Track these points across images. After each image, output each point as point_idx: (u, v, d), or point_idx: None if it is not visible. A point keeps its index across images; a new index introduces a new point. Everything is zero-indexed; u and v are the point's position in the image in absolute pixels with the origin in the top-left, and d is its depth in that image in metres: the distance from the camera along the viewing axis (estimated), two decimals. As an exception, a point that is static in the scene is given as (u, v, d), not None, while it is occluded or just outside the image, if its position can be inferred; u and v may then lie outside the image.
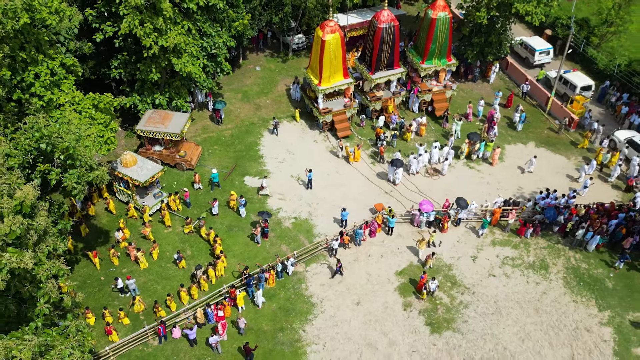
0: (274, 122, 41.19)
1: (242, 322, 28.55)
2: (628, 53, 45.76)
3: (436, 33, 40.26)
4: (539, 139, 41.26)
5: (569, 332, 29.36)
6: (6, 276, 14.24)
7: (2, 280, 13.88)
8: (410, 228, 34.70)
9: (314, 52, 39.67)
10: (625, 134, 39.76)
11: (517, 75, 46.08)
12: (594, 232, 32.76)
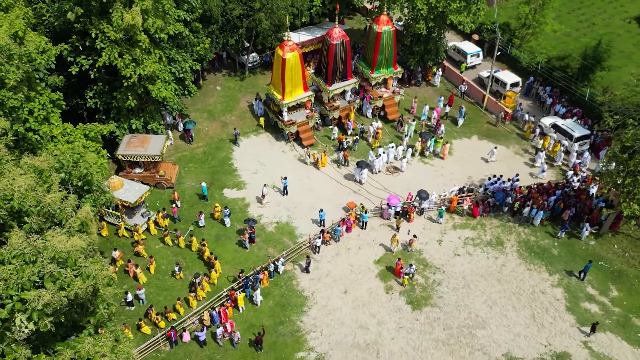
0: (235, 133, 43.79)
1: (237, 336, 30.62)
2: (545, 51, 51.24)
3: (382, 45, 43.98)
4: (480, 133, 45.79)
5: (527, 295, 33.58)
6: (89, 286, 16.14)
7: (86, 289, 15.83)
8: (381, 221, 38.12)
9: (275, 70, 42.49)
10: (549, 120, 44.85)
11: (454, 77, 50.63)
12: (537, 208, 37.31)
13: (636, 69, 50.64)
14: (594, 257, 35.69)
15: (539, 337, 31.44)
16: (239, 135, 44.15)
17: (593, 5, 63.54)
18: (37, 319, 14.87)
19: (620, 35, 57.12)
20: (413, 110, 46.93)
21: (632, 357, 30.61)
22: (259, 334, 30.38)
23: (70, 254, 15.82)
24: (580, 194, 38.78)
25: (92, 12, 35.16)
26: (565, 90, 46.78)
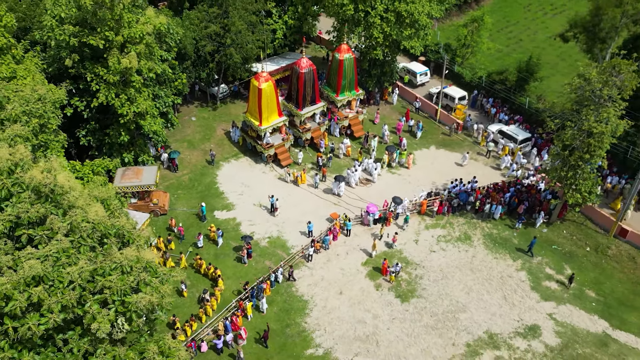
0: (211, 154, 46.62)
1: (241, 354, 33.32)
2: (484, 67, 56.79)
3: (345, 71, 47.99)
4: (437, 143, 50.42)
5: (497, 280, 37.93)
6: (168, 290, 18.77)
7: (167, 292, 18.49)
8: (363, 227, 41.75)
9: (252, 99, 45.66)
10: (495, 127, 50.01)
11: (407, 95, 55.26)
12: (496, 204, 41.96)
13: (562, 78, 56.97)
14: (547, 242, 40.63)
15: (512, 314, 35.74)
16: (215, 156, 47.09)
17: (518, 23, 70.18)
18: (136, 318, 17.41)
19: (545, 49, 63.62)
20: (377, 120, 51.33)
21: (589, 322, 35.34)
22: (265, 332, 33.32)
23: (153, 264, 18.51)
24: (530, 189, 43.82)
25: (86, 58, 37.34)
26: (506, 100, 52.26)
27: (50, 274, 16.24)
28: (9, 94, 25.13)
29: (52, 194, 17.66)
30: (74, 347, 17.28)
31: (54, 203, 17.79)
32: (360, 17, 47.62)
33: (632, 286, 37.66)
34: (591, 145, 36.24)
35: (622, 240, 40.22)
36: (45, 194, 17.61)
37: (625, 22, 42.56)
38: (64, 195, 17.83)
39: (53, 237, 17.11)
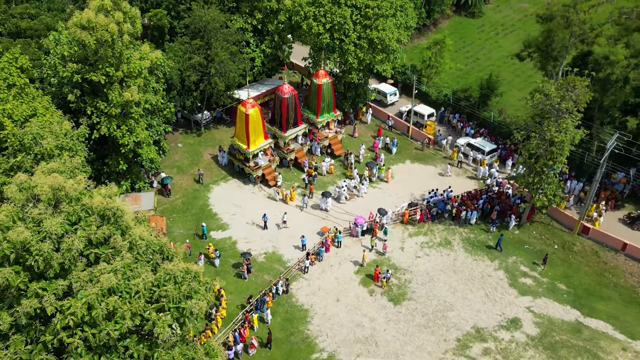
0: (199, 173, 48.81)
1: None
2: (447, 85, 60.86)
3: (323, 94, 50.97)
4: (411, 157, 53.82)
5: (478, 280, 41.16)
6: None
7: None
8: (352, 239, 44.47)
9: (239, 124, 48.02)
10: (463, 140, 53.84)
11: (380, 114, 58.66)
12: (471, 211, 45.43)
13: (518, 92, 61.75)
14: (519, 242, 44.25)
15: (495, 310, 38.95)
16: (203, 175, 49.24)
17: (474, 43, 75.02)
18: (188, 323, 19.51)
19: (500, 66, 68.36)
20: (355, 134, 54.83)
21: (563, 312, 38.86)
22: (268, 335, 35.57)
23: (199, 274, 20.72)
24: (500, 195, 47.55)
25: (85, 93, 39.05)
26: (471, 115, 56.29)
27: (121, 286, 18.22)
28: (41, 131, 26.83)
29: (113, 217, 19.69)
30: (134, 352, 19.22)
31: (115, 225, 19.81)
32: (335, 45, 50.84)
33: (597, 278, 41.52)
34: (553, 153, 40.09)
35: (585, 237, 44.16)
36: (108, 217, 19.63)
37: (573, 41, 47.03)
38: (122, 217, 19.88)
39: (116, 255, 19.10)
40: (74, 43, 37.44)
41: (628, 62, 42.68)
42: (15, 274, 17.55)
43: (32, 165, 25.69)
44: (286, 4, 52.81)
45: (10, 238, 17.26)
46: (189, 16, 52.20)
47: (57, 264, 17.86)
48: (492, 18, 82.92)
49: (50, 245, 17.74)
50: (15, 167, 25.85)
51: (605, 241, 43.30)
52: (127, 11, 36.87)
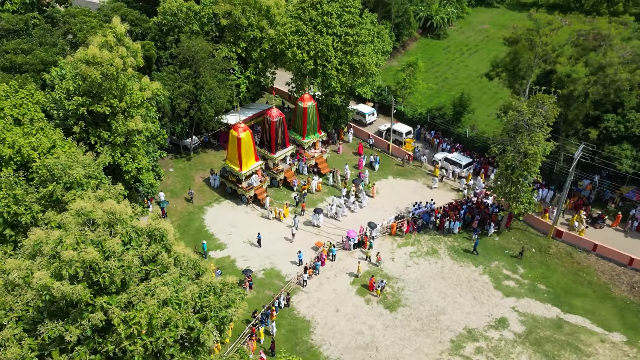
0: (189, 192, 50.79)
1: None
2: (421, 104, 64.29)
3: (309, 117, 53.54)
4: (393, 173, 56.71)
5: (466, 284, 43.93)
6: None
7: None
8: (345, 252, 46.77)
9: (231, 147, 50.03)
10: (440, 155, 57.11)
11: (360, 133, 61.56)
12: (453, 221, 48.40)
13: (487, 109, 65.66)
14: (500, 248, 47.34)
15: (483, 311, 41.70)
16: (193, 194, 50.97)
17: (442, 64, 79.03)
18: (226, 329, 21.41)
19: (468, 85, 72.27)
20: (340, 150, 57.65)
21: (545, 310, 41.87)
22: (272, 343, 37.45)
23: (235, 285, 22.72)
24: (479, 205, 50.74)
25: (88, 123, 40.50)
26: (446, 132, 59.71)
27: (174, 297, 20.05)
28: (69, 162, 28.30)
29: (159, 237, 21.54)
30: (179, 359, 21.03)
31: (161, 243, 21.64)
32: (318, 70, 53.58)
33: (572, 277, 44.84)
34: (528, 164, 43.49)
35: (559, 240, 47.57)
36: (155, 237, 21.46)
37: (537, 61, 50.95)
38: (166, 236, 21.75)
39: (164, 271, 20.94)
40: (79, 78, 38.95)
41: (588, 79, 46.66)
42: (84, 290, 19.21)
43: (62, 194, 27.18)
44: (269, 33, 55.36)
45: (83, 258, 18.92)
46: (177, 47, 54.17)
47: (119, 279, 19.60)
48: (457, 39, 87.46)
49: (116, 263, 19.49)
50: (46, 196, 27.28)
51: (578, 243, 46.79)
52: (129, 46, 38.72)
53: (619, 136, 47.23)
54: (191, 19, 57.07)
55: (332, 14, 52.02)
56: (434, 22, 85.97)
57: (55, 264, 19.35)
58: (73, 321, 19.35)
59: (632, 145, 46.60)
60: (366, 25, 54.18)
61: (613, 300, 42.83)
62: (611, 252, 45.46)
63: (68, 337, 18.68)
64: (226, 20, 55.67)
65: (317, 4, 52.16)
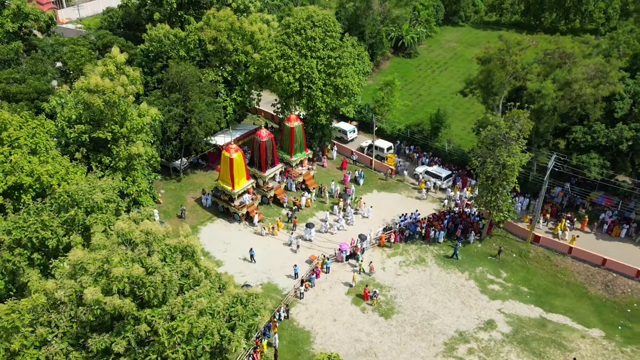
0: (181, 209, 52.18)
1: None
2: (398, 121, 67.02)
3: (296, 136, 55.53)
4: (377, 187, 59.05)
5: (454, 290, 46.23)
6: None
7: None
8: (337, 264, 48.65)
9: (224, 167, 51.53)
10: (421, 168, 59.80)
11: (343, 150, 63.86)
12: (438, 230, 50.86)
13: (460, 123, 68.98)
14: (483, 254, 49.92)
15: (472, 314, 44.00)
16: (185, 211, 52.32)
17: (414, 81, 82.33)
18: (252, 336, 22.99)
19: (440, 101, 75.61)
20: (325, 165, 59.75)
21: (528, 310, 44.42)
22: (275, 353, 38.99)
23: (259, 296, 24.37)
24: (461, 214, 53.39)
25: (89, 149, 41.62)
26: (425, 146, 62.49)
27: (208, 308, 21.58)
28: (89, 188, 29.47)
29: (190, 253, 23.07)
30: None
31: (192, 259, 23.17)
32: (304, 92, 55.77)
33: (552, 279, 47.64)
34: (506, 175, 46.36)
35: (537, 245, 50.44)
36: (187, 253, 22.98)
37: (509, 79, 54.28)
38: (195, 252, 23.29)
39: (196, 284, 22.46)
40: (80, 106, 40.13)
41: (556, 94, 50.03)
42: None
43: (84, 218, 28.34)
44: (254, 57, 57.36)
45: (130, 273, 20.33)
46: (165, 72, 55.59)
47: (160, 293, 21.05)
48: (427, 57, 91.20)
49: (159, 278, 20.94)
50: (68, 220, 28.37)
51: (554, 247, 49.77)
52: (129, 74, 40.17)
53: (586, 146, 50.52)
54: (177, 45, 58.66)
55: (315, 38, 54.38)
56: (405, 42, 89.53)
57: (103, 281, 20.69)
58: (117, 334, 20.68)
59: (598, 154, 49.93)
60: (347, 48, 56.75)
61: (590, 299, 45.71)
62: (585, 253, 48.47)
63: (116, 348, 20.00)
64: (212, 45, 57.46)
65: (301, 29, 54.43)
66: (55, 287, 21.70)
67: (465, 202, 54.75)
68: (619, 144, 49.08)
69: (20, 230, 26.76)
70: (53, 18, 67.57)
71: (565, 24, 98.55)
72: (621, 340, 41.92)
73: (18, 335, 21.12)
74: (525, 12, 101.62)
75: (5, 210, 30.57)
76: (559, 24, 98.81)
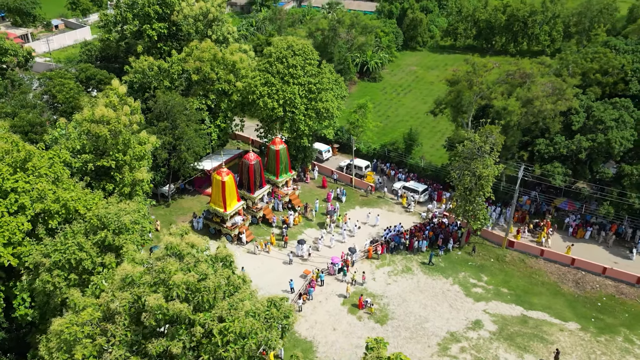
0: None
1: None
2: (372, 141, 70.28)
3: (281, 158, 57.88)
4: (359, 203, 61.77)
5: (441, 295, 49.01)
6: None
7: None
8: (330, 277, 50.78)
9: (215, 190, 53.16)
10: (398, 184, 63.01)
11: (323, 170, 66.51)
12: (420, 240, 53.86)
13: (428, 140, 72.81)
14: (464, 261, 53.10)
15: (460, 316, 46.79)
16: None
17: (382, 103, 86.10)
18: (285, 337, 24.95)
19: (408, 121, 79.49)
20: (307, 180, 62.13)
21: (510, 309, 47.56)
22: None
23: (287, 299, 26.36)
24: (440, 224, 56.64)
25: (92, 177, 42.71)
26: (400, 163, 65.88)
27: (251, 310, 23.44)
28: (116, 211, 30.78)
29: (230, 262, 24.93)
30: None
31: (230, 267, 25.01)
32: (287, 116, 58.35)
33: (528, 279, 51.12)
34: (482, 185, 49.94)
35: (511, 250, 54.04)
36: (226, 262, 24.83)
37: (476, 98, 58.44)
38: (233, 261, 25.17)
39: (236, 290, 24.33)
40: (83, 136, 41.35)
41: (520, 110, 54.34)
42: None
43: (113, 239, 29.69)
44: (237, 86, 59.68)
45: (187, 280, 22.04)
46: (153, 102, 57.10)
47: (211, 298, 22.81)
48: (391, 81, 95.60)
49: (211, 284, 22.72)
50: (99, 242, 29.61)
51: (527, 250, 53.48)
52: (130, 104, 41.79)
53: (549, 156, 54.81)
54: (161, 75, 60.35)
55: (296, 66, 57.22)
56: (369, 67, 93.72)
57: (161, 289, 22.32)
58: (171, 338, 22.28)
59: (561, 163, 54.26)
60: (326, 74, 59.83)
61: (563, 296, 49.34)
62: (555, 255, 52.34)
63: (174, 349, 21.61)
64: (197, 75, 59.46)
65: (283, 58, 57.23)
66: (108, 300, 23.12)
67: (443, 214, 58.00)
68: (579, 154, 53.47)
69: (59, 253, 27.94)
70: (31, 53, 67.95)
71: (514, 47, 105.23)
72: (595, 331, 45.48)
73: (79, 346, 22.40)
74: (477, 36, 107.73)
75: (38, 236, 31.58)
76: (509, 46, 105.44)
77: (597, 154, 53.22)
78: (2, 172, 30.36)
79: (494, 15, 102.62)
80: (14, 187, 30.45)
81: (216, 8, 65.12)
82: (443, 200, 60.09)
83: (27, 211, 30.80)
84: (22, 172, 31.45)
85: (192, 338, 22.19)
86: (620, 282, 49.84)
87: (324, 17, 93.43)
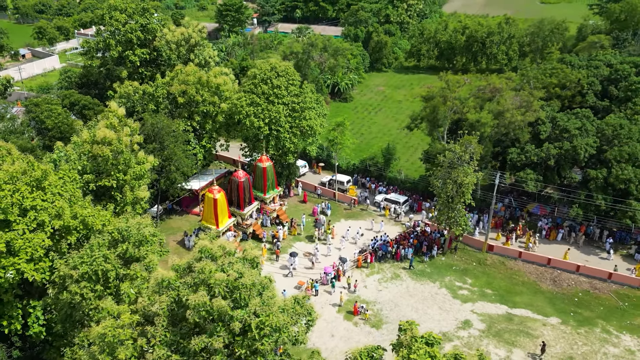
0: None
1: None
2: (350, 157, 72.57)
3: (268, 175, 59.36)
4: (344, 216, 63.60)
5: (430, 298, 51.04)
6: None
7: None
8: (323, 287, 52.20)
9: (207, 208, 54.13)
10: (380, 197, 65.29)
11: (307, 186, 68.28)
12: (406, 248, 56.00)
13: (402, 155, 75.57)
14: (448, 266, 55.41)
15: (450, 317, 48.85)
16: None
17: (355, 122, 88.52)
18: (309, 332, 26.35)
19: (381, 137, 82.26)
20: (292, 194, 64.11)
21: (496, 309, 49.90)
22: None
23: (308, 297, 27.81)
24: (424, 232, 59.02)
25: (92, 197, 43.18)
26: (379, 176, 68.32)
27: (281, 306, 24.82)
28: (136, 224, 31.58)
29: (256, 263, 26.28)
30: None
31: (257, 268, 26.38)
32: (272, 135, 60.09)
33: (509, 280, 53.77)
34: (463, 193, 52.69)
35: (491, 253, 56.74)
36: (254, 263, 26.17)
37: (450, 112, 61.65)
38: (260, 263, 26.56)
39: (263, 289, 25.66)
40: (84, 157, 41.97)
41: (493, 122, 57.72)
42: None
43: (134, 250, 30.53)
44: (222, 107, 61.17)
45: (228, 278, 23.25)
46: (142, 124, 57.83)
47: (247, 295, 24.05)
48: (361, 100, 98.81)
49: (249, 281, 24.00)
50: (120, 254, 30.36)
51: (506, 253, 56.32)
52: (130, 125, 42.77)
53: (521, 164, 58.20)
54: (146, 99, 61.29)
55: (280, 86, 59.20)
56: (340, 88, 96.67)
57: (201, 288, 23.47)
58: (210, 335, 23.39)
59: (532, 170, 57.68)
60: (307, 94, 62.03)
61: (543, 293, 52.13)
62: (532, 256, 55.30)
63: (216, 344, 22.74)
64: (182, 98, 60.69)
65: (267, 79, 59.19)
66: (146, 304, 24.05)
67: (425, 222, 60.46)
68: (548, 160, 56.98)
69: (86, 265, 28.58)
70: (10, 81, 67.85)
71: (474, 66, 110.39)
72: (575, 324, 48.26)
73: (121, 347, 23.17)
74: (439, 57, 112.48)
75: (61, 250, 32.06)
76: (469, 65, 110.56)
77: (564, 160, 56.78)
78: (21, 191, 30.90)
79: (454, 37, 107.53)
80: (34, 205, 31.00)
81: (197, 33, 66.70)
82: (424, 209, 62.60)
83: (46, 228, 31.36)
84: (40, 190, 32.02)
85: (230, 333, 23.34)
86: (594, 278, 53.00)
87: (296, 40, 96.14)
